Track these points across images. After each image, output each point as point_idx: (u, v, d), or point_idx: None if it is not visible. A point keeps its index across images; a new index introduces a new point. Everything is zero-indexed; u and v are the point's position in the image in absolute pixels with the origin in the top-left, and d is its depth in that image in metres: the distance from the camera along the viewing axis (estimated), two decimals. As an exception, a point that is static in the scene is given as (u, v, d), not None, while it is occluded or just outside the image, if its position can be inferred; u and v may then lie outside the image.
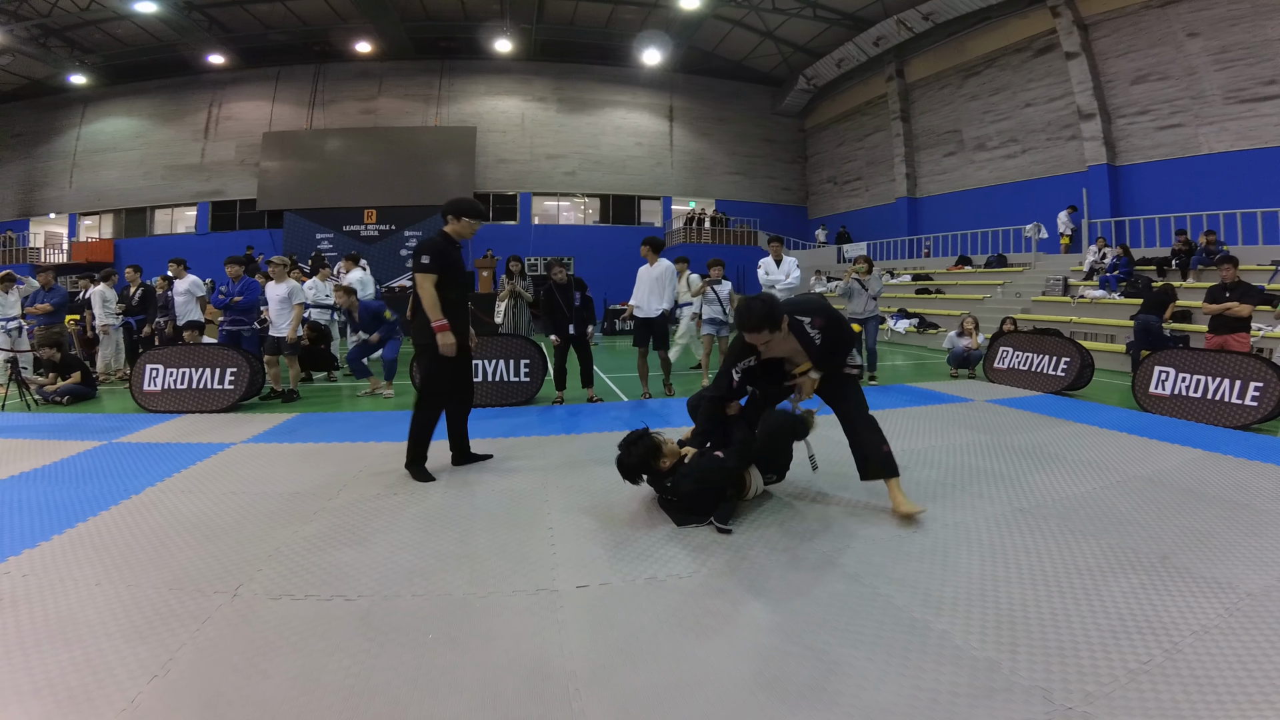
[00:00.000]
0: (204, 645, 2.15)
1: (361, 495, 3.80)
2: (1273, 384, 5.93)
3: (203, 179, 23.33)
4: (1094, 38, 16.35)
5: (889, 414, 6.25)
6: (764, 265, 8.51)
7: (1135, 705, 1.87)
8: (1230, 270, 7.13)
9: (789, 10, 20.07)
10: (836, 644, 2.20)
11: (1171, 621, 2.35)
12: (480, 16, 21.56)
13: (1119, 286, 12.33)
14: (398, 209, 22.59)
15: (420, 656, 2.10)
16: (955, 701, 1.89)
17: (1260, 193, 12.73)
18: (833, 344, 3.52)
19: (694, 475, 3.34)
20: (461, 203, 4.40)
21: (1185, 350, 7.21)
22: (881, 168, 23.52)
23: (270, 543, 3.05)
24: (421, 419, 4.23)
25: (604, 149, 25.00)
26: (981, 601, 2.51)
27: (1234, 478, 4.22)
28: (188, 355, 6.97)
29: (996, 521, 3.38)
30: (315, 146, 23.30)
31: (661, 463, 3.44)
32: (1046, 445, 5.08)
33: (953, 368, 9.53)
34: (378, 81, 23.83)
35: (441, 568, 2.81)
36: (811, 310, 3.52)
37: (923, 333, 14.58)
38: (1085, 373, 7.76)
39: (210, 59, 22.24)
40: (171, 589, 2.57)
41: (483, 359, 7.10)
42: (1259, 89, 13.38)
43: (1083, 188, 16.25)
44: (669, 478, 3.43)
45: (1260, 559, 2.89)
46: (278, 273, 7.50)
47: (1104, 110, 16.14)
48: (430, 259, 4.13)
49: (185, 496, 3.76)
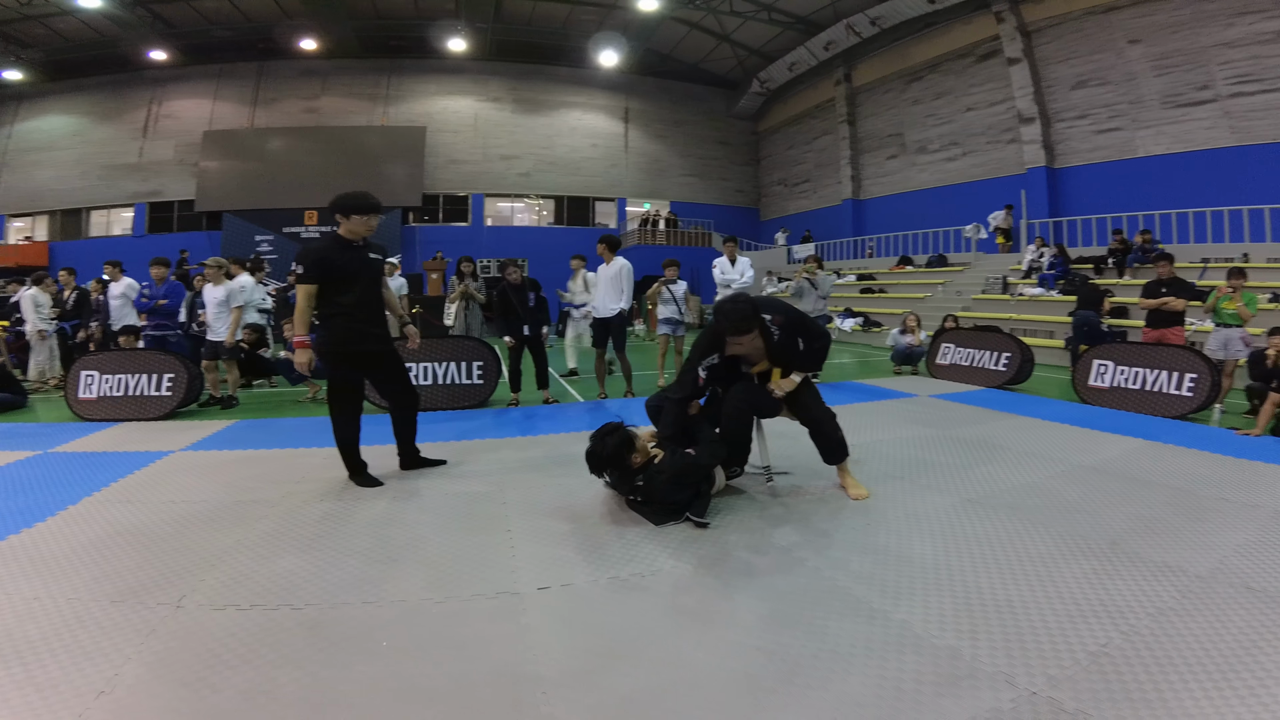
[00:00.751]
0: (150, 660, 2.05)
1: (305, 501, 3.68)
2: (1206, 375, 6.22)
3: (140, 179, 22.47)
4: (1036, 44, 16.98)
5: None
6: (719, 265, 8.59)
7: (1100, 687, 1.91)
8: (1166, 267, 7.40)
9: (746, 13, 20.37)
10: (802, 637, 2.21)
11: (1126, 605, 2.41)
12: (433, 15, 21.26)
13: (1056, 285, 12.81)
14: (343, 211, 22.12)
15: (377, 666, 2.03)
16: (920, 690, 1.91)
17: (1193, 194, 13.41)
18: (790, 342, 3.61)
19: (670, 474, 3.32)
20: (349, 199, 4.03)
21: (1123, 344, 7.52)
22: (829, 170, 24.02)
23: (212, 551, 2.92)
24: (336, 433, 4.03)
25: (559, 150, 24.92)
26: (938, 591, 2.55)
27: (1175, 465, 4.40)
28: (124, 361, 6.67)
29: (947, 512, 3.45)
30: (256, 146, 22.64)
31: (633, 458, 3.41)
32: (992, 438, 5.22)
33: (896, 365, 9.76)
34: (322, 80, 23.29)
35: (393, 574, 2.72)
36: (773, 309, 3.60)
37: (867, 331, 14.89)
38: (1026, 367, 8.02)
39: (152, 55, 21.46)
40: (114, 601, 2.44)
41: (432, 361, 6.96)
42: (1194, 94, 14.07)
43: (1021, 189, 16.81)
44: (639, 475, 3.39)
45: (1205, 543, 3.00)
46: (214, 275, 7.23)
47: (1044, 114, 16.77)
48: (305, 269, 3.82)
49: (124, 506, 3.59)
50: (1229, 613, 2.34)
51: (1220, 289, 7.10)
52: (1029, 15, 17.00)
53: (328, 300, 3.89)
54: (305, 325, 3.87)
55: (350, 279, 3.94)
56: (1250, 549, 2.93)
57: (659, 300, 8.04)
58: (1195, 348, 6.91)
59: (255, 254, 19.13)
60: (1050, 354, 10.54)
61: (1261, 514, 3.40)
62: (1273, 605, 2.39)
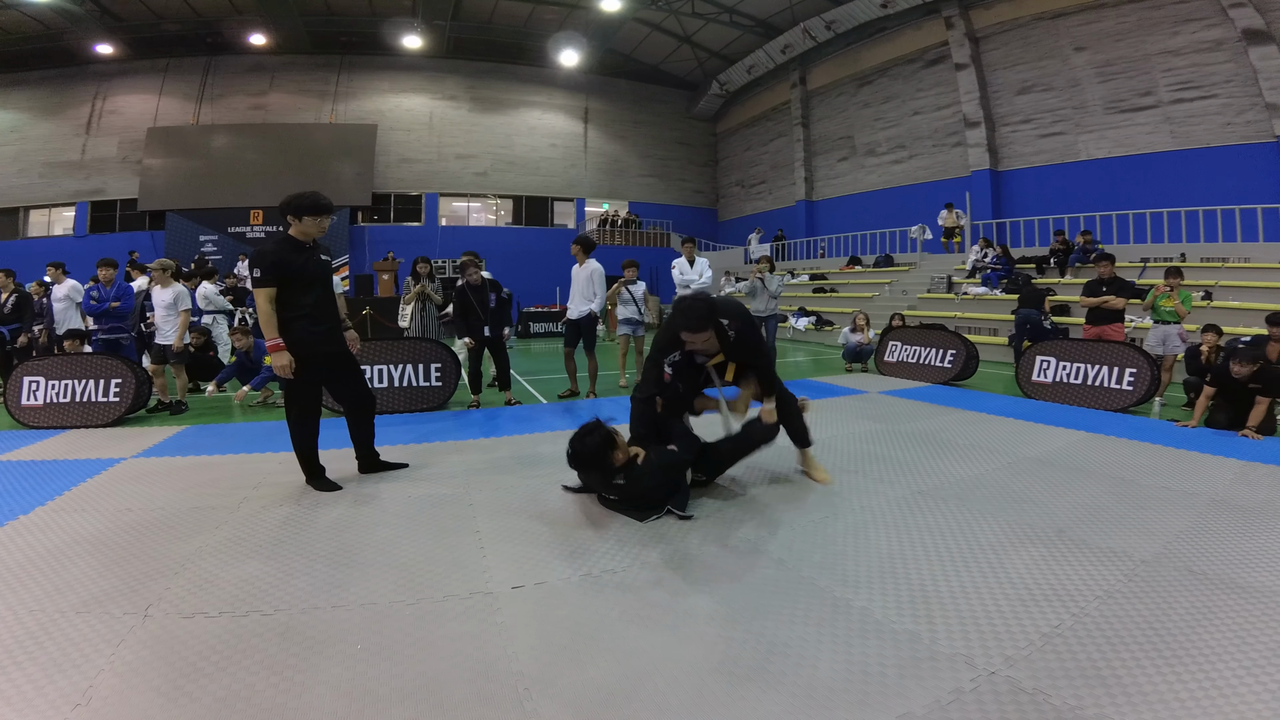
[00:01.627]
0: (122, 670, 2.02)
1: (264, 507, 3.62)
2: (1145, 370, 6.52)
3: (82, 177, 21.54)
4: (984, 50, 17.53)
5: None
6: (678, 265, 8.71)
7: (1055, 667, 2.02)
8: (1107, 267, 7.72)
9: (708, 15, 20.56)
10: (773, 627, 2.28)
11: (1075, 589, 2.54)
12: (388, 12, 20.89)
13: (1000, 284, 13.29)
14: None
15: (352, 669, 2.03)
16: (885, 673, 2.00)
17: (1133, 196, 14.01)
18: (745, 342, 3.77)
19: (656, 471, 3.38)
20: (302, 200, 3.92)
21: (1065, 341, 7.83)
22: (783, 171, 24.43)
23: (174, 559, 2.87)
24: (294, 437, 3.97)
25: (518, 149, 24.75)
26: (894, 579, 2.66)
27: (1117, 456, 4.61)
28: (69, 366, 6.42)
29: (899, 504, 3.58)
30: (201, 143, 21.91)
31: (615, 456, 3.41)
32: (939, 432, 5.40)
33: (847, 362, 10.02)
34: (270, 76, 22.67)
35: (361, 577, 2.70)
36: (730, 314, 3.71)
37: (820, 330, 15.21)
38: (970, 364, 8.31)
39: (98, 49, 20.57)
40: (79, 612, 2.39)
41: (387, 363, 6.83)
42: (1136, 100, 14.70)
43: (966, 191, 17.32)
44: (619, 474, 3.42)
45: (1149, 529, 3.17)
46: (160, 278, 7.03)
47: (989, 119, 17.32)
48: (263, 272, 3.73)
49: (79, 515, 3.49)
50: (1174, 595, 2.48)
51: (1158, 287, 7.44)
52: (978, 21, 17.53)
53: (285, 303, 3.82)
54: (275, 327, 3.78)
55: (308, 281, 3.90)
56: (1191, 534, 3.10)
57: (618, 300, 8.12)
58: (1135, 343, 7.23)
59: (200, 254, 18.58)
60: (994, 351, 10.91)
61: (1200, 501, 3.60)
62: (1215, 588, 2.54)
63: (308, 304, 3.87)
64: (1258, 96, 12.81)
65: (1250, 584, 2.58)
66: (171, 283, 6.97)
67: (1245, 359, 5.29)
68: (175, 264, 7.35)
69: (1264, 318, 6.62)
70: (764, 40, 21.88)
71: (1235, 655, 2.08)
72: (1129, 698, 1.87)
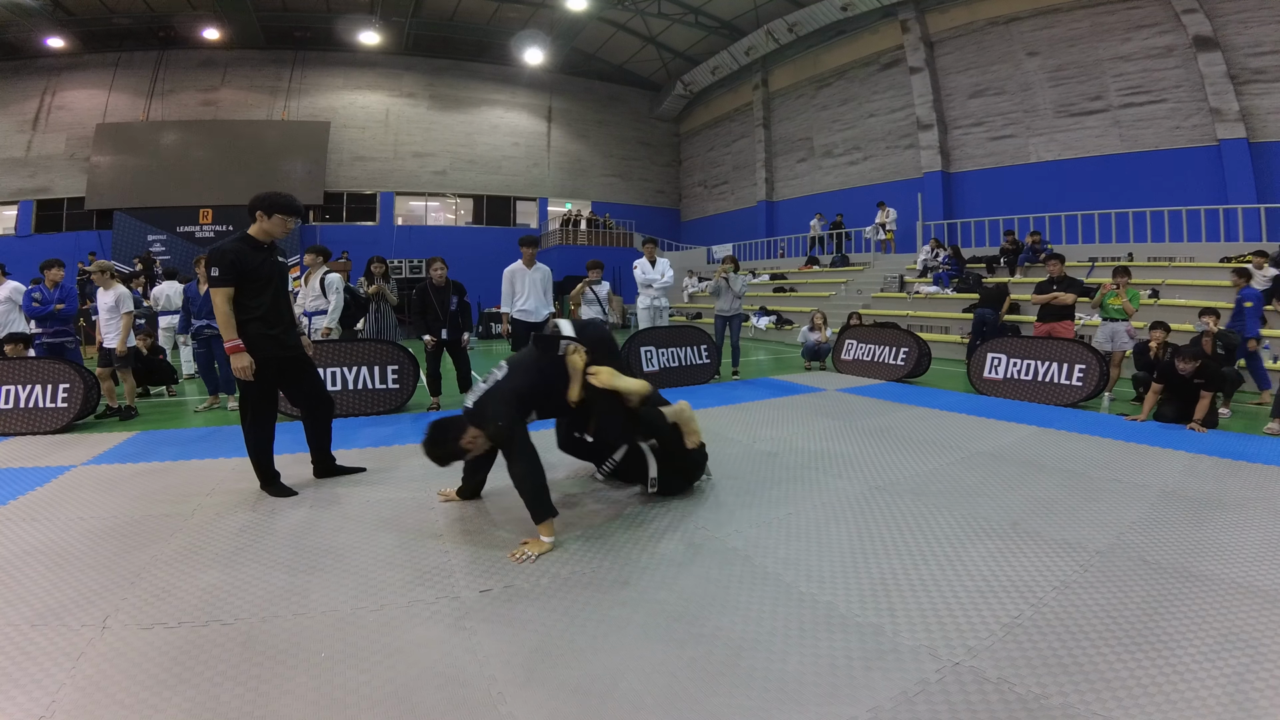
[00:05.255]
0: (84, 684, 1.97)
1: (219, 514, 3.54)
2: (1094, 366, 6.73)
3: (27, 175, 20.67)
4: (938, 54, 17.92)
5: (752, 406, 6.66)
6: (640, 265, 8.76)
7: (1017, 655, 2.08)
8: (1057, 266, 7.93)
9: (673, 15, 20.64)
10: (741, 622, 2.31)
11: (1033, 580, 2.61)
12: (345, 8, 20.50)
13: (951, 283, 13.64)
14: (237, 208, 20.76)
15: (318, 678, 2.00)
16: (851, 665, 2.04)
17: (1082, 197, 14.48)
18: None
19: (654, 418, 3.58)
20: (274, 199, 3.86)
21: (1015, 338, 8.06)
22: (745, 172, 24.65)
23: (130, 569, 2.79)
24: (249, 441, 3.88)
25: (479, 148, 24.51)
26: (856, 573, 2.71)
27: (1067, 450, 4.75)
28: (13, 371, 6.16)
29: (857, 499, 3.65)
30: (151, 140, 21.23)
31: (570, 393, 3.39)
32: (894, 428, 5.52)
33: (806, 361, 10.16)
34: (221, 71, 22.04)
35: (322, 584, 2.65)
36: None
37: (780, 329, 15.39)
38: (923, 361, 8.50)
39: (48, 42, 19.81)
40: (34, 625, 2.32)
41: (342, 366, 6.61)
42: (1086, 104, 15.17)
43: (918, 192, 17.68)
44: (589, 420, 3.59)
45: (1101, 521, 3.27)
46: (101, 279, 6.80)
47: (942, 121, 17.74)
48: (221, 271, 3.64)
49: (29, 524, 3.37)
50: (1129, 584, 2.57)
51: (1106, 286, 7.68)
52: (933, 26, 17.92)
53: (240, 305, 3.73)
54: (233, 328, 3.68)
55: (264, 282, 3.82)
56: (1143, 525, 3.21)
57: (583, 301, 8.11)
58: (1084, 340, 7.44)
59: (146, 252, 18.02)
60: (946, 348, 11.19)
61: (1150, 493, 3.73)
62: (1169, 576, 2.64)
63: (262, 307, 3.79)
64: (1203, 101, 13.34)
65: (1202, 572, 2.69)
66: (114, 284, 6.75)
67: (1188, 356, 5.54)
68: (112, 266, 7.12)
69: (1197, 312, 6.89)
70: (728, 41, 22.07)
71: (1192, 641, 2.16)
72: (1091, 684, 1.93)
